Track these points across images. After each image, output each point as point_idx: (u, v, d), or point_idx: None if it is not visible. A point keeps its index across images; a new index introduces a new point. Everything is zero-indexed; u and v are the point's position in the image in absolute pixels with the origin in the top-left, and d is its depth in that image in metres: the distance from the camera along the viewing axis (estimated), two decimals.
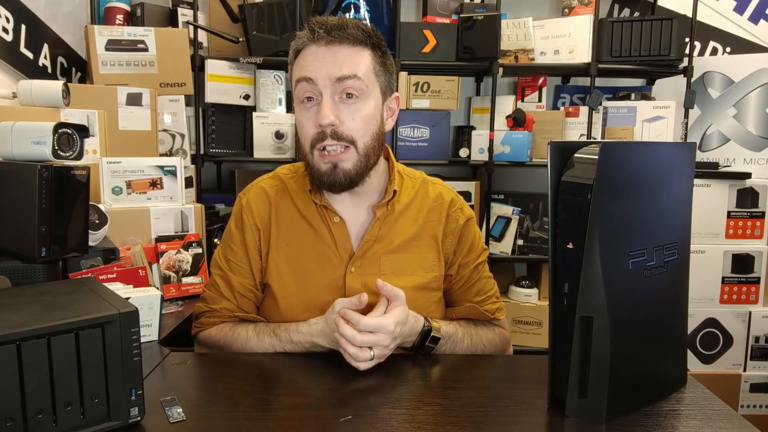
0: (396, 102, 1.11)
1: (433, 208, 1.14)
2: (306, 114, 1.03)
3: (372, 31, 1.04)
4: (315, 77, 0.99)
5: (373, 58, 1.03)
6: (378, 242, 1.09)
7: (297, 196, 1.12)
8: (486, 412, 0.83)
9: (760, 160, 2.36)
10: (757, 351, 2.28)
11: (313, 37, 1.01)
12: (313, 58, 1.01)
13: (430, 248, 1.12)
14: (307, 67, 1.01)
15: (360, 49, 1.01)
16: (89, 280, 0.88)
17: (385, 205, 1.10)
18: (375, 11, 2.23)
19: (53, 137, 1.06)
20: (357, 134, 1.01)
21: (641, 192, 0.81)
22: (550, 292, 0.81)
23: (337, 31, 1.00)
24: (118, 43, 1.91)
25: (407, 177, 1.16)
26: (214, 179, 2.56)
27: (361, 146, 1.02)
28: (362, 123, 1.02)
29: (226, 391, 0.90)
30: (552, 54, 2.32)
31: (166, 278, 1.49)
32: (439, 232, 1.13)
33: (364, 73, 1.01)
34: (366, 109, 1.02)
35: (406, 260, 1.10)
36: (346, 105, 1.01)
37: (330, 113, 0.99)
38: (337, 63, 0.99)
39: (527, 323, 2.34)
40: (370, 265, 1.08)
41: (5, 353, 0.65)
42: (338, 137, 1.00)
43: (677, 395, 0.89)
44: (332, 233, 1.09)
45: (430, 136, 2.33)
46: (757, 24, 2.49)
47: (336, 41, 1.00)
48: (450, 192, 1.18)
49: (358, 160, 1.02)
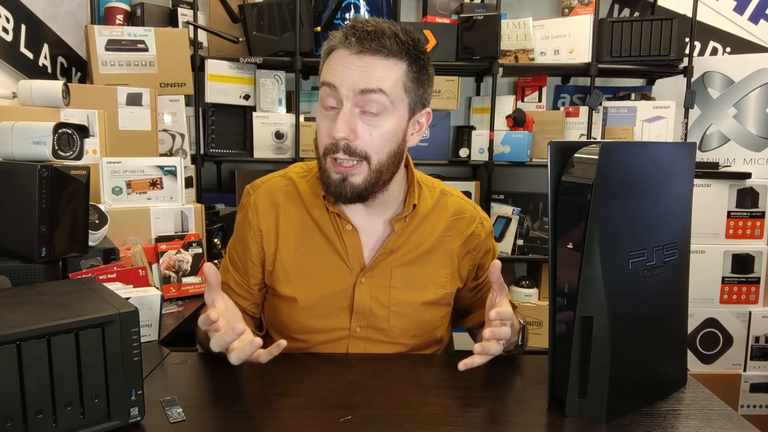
0: (427, 117, 1.04)
1: (452, 224, 1.10)
2: (324, 120, 0.98)
3: (412, 41, 0.97)
4: (338, 85, 0.94)
5: (407, 73, 0.97)
6: (392, 254, 1.07)
7: (308, 200, 1.08)
8: (486, 412, 0.83)
9: (760, 160, 2.36)
10: (757, 351, 2.27)
11: (346, 41, 0.94)
12: (341, 63, 0.95)
13: (444, 264, 1.09)
14: (333, 72, 0.95)
15: (394, 62, 0.95)
16: (89, 280, 0.88)
17: (404, 219, 1.06)
18: (375, 11, 2.23)
19: (53, 137, 1.06)
20: (372, 150, 0.96)
21: (641, 192, 0.81)
22: (550, 292, 0.81)
23: (370, 41, 0.93)
24: (118, 43, 1.91)
25: (425, 187, 1.12)
26: (214, 179, 2.56)
27: (374, 162, 0.97)
28: (379, 140, 0.96)
29: (226, 391, 0.90)
30: (552, 54, 2.32)
31: (166, 278, 1.49)
32: (455, 248, 1.10)
33: (390, 88, 0.95)
34: (386, 126, 0.97)
35: (418, 274, 1.07)
36: (365, 119, 0.95)
37: (345, 127, 0.94)
38: (364, 74, 0.93)
39: (527, 323, 2.33)
40: (380, 276, 1.06)
41: (5, 353, 0.65)
42: (350, 152, 0.95)
43: (677, 395, 0.89)
44: (344, 242, 1.06)
45: (430, 136, 2.33)
46: (757, 24, 2.49)
47: (367, 51, 0.94)
48: (470, 206, 1.14)
49: (369, 175, 0.98)
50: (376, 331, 1.06)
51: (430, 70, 1.02)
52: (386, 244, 1.06)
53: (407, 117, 1.00)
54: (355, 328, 1.06)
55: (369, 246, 1.07)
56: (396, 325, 1.06)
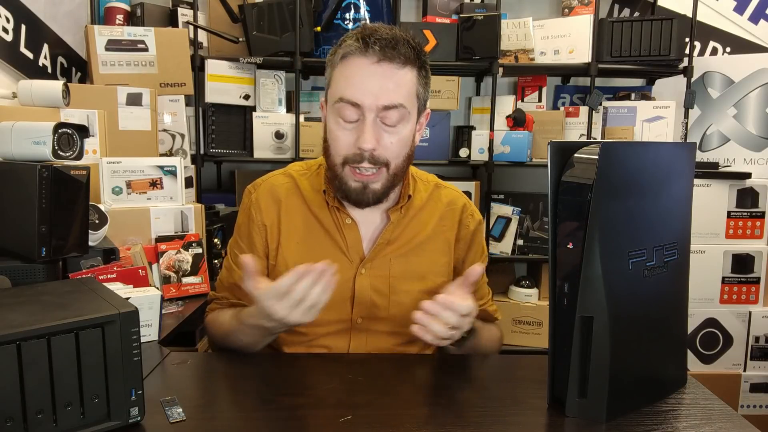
0: (426, 117, 1.09)
1: (446, 214, 1.14)
2: (343, 131, 1.00)
3: (419, 48, 1.00)
4: (361, 102, 0.96)
5: (418, 79, 1.01)
6: (389, 245, 1.10)
7: (309, 195, 1.11)
8: (486, 412, 0.83)
9: (760, 160, 2.36)
10: (757, 351, 2.27)
11: (365, 50, 0.96)
12: (360, 75, 0.97)
13: (441, 253, 1.13)
14: (354, 87, 0.97)
15: (408, 70, 0.98)
16: (89, 280, 0.88)
17: (399, 209, 1.10)
18: (375, 11, 2.23)
19: (53, 137, 1.06)
20: (392, 157, 1.01)
21: (641, 192, 0.81)
22: (550, 292, 0.81)
23: (390, 49, 0.95)
24: (118, 43, 1.91)
25: (420, 180, 1.16)
26: (214, 179, 2.56)
27: (392, 167, 1.02)
28: (398, 146, 1.01)
29: (226, 391, 0.90)
30: (552, 54, 2.32)
31: (166, 278, 1.49)
32: (451, 237, 1.13)
33: (407, 99, 0.99)
34: (404, 132, 1.01)
35: (416, 264, 1.10)
36: (385, 128, 0.99)
37: (372, 138, 0.97)
38: (385, 88, 0.96)
39: (527, 323, 2.34)
40: (379, 267, 1.09)
41: (5, 353, 0.65)
42: (375, 161, 0.99)
43: (677, 395, 0.89)
44: (344, 234, 1.09)
45: (430, 136, 2.33)
46: (757, 24, 2.49)
47: (387, 60, 0.96)
48: (462, 197, 1.18)
49: (387, 180, 1.02)
50: (377, 321, 1.09)
51: (430, 72, 1.05)
52: (383, 234, 1.09)
53: (416, 120, 1.05)
54: (356, 319, 1.08)
55: (367, 237, 1.10)
56: (396, 315, 1.08)
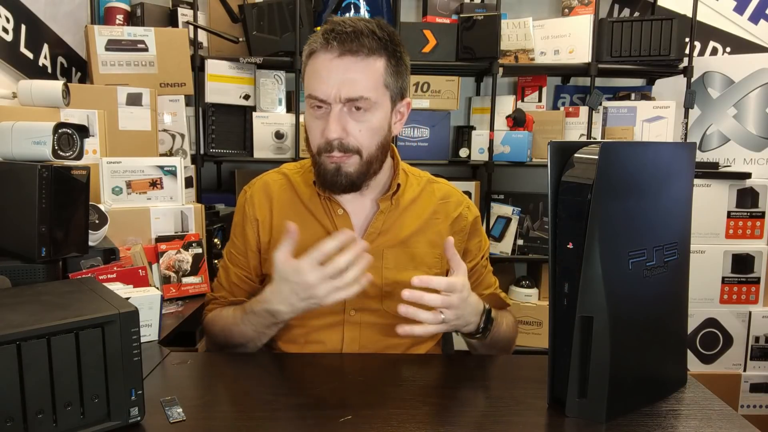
0: (407, 107, 1.10)
1: (439, 208, 1.15)
2: (315, 120, 1.03)
3: (389, 36, 1.01)
4: (324, 97, 0.99)
5: (387, 67, 1.01)
6: (382, 236, 1.11)
7: (301, 189, 1.14)
8: (486, 412, 0.83)
9: (760, 160, 2.36)
10: (757, 351, 2.28)
11: (326, 46, 0.98)
12: (324, 69, 0.99)
13: (434, 245, 1.13)
14: (317, 82, 1.00)
15: (374, 59, 1.00)
16: (89, 280, 0.88)
17: (389, 199, 1.11)
18: (375, 11, 2.23)
19: (53, 137, 1.06)
20: (363, 144, 1.02)
21: (641, 192, 0.81)
22: (550, 292, 0.81)
23: (350, 42, 0.97)
24: (118, 43, 1.91)
25: (412, 175, 1.18)
26: (214, 179, 2.56)
27: (365, 155, 1.03)
28: (369, 134, 1.02)
29: (226, 391, 0.90)
30: (552, 54, 2.32)
31: (166, 278, 1.49)
32: (444, 230, 1.14)
33: (373, 89, 1.00)
34: (373, 121, 1.02)
35: (409, 255, 1.12)
36: (353, 117, 1.01)
37: (337, 127, 1.00)
38: (347, 81, 0.98)
39: (527, 323, 2.34)
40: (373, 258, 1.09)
41: (5, 353, 0.65)
42: (344, 149, 1.01)
43: (677, 395, 0.89)
44: (336, 226, 1.10)
45: (430, 136, 2.33)
46: (757, 24, 2.49)
47: (349, 53, 0.98)
48: (456, 192, 1.20)
49: (361, 165, 1.04)
50: (370, 313, 1.10)
51: (406, 60, 1.06)
52: (373, 222, 1.10)
53: (390, 108, 1.06)
54: (350, 311, 1.09)
55: (359, 227, 1.12)
56: (390, 306, 1.08)
